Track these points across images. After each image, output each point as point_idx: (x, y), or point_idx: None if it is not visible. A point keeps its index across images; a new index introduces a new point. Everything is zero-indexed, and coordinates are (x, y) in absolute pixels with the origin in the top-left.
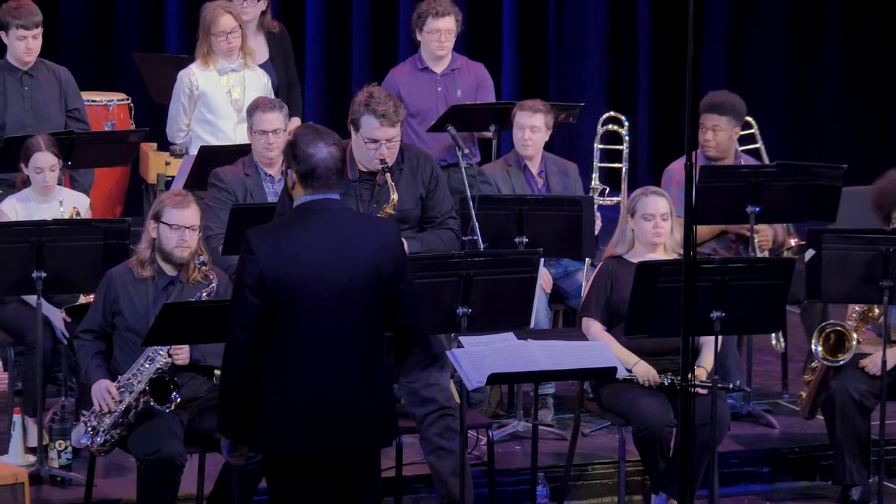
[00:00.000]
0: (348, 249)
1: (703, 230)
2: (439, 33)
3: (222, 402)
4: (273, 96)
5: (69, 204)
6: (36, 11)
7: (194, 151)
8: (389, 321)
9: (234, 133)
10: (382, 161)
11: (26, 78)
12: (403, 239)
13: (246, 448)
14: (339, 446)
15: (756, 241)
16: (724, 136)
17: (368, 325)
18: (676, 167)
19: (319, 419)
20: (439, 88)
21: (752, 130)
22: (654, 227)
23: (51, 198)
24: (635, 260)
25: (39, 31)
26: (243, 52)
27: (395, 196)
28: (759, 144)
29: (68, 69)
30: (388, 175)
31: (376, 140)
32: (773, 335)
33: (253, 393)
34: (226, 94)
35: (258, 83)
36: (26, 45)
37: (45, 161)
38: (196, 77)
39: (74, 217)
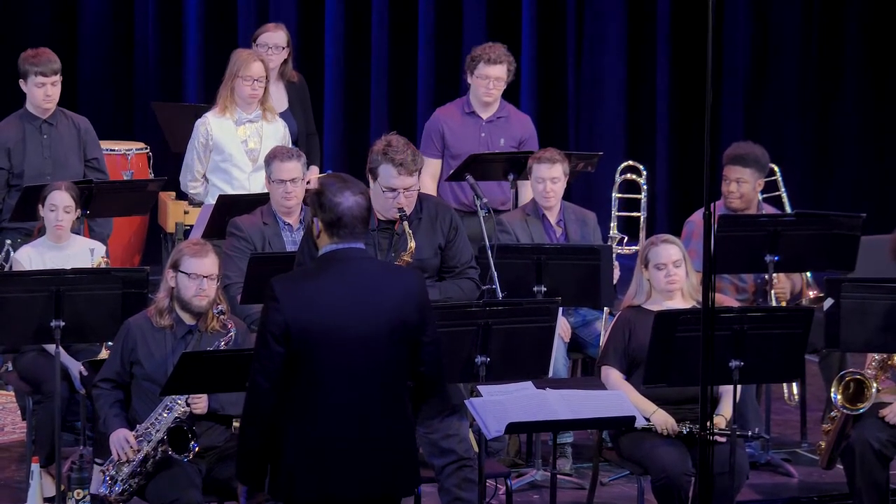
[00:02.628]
0: (373, 298)
1: None
2: (489, 80)
3: (241, 448)
4: (291, 146)
5: (83, 252)
6: (54, 59)
7: (211, 201)
8: (411, 369)
9: (248, 182)
10: (400, 210)
11: (45, 126)
12: None
13: (263, 496)
14: (359, 494)
15: (773, 293)
16: (747, 188)
17: (391, 374)
18: (696, 218)
19: (340, 467)
20: (483, 134)
21: (774, 178)
22: (666, 276)
23: (64, 245)
24: (654, 308)
25: (58, 78)
26: (263, 105)
27: (412, 244)
28: (782, 192)
29: (87, 118)
30: (405, 224)
31: (394, 189)
32: (786, 389)
33: (273, 440)
34: (241, 143)
35: (276, 134)
36: (45, 92)
37: (60, 199)
38: (211, 125)
39: (103, 266)
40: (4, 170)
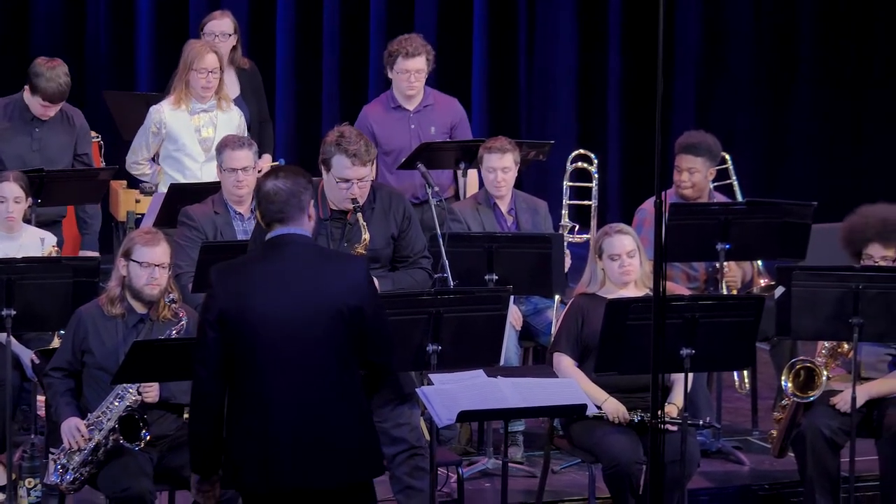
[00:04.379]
0: (309, 285)
1: None
2: (409, 73)
3: (191, 437)
4: (246, 134)
5: (34, 241)
6: (66, 83)
7: (163, 189)
8: (361, 357)
9: (201, 172)
10: (354, 200)
11: (37, 121)
12: (375, 278)
13: (216, 486)
14: (306, 483)
15: (724, 281)
16: (699, 177)
17: (335, 362)
18: (648, 207)
19: (285, 456)
20: (412, 126)
21: (725, 166)
22: (620, 266)
23: (16, 234)
24: (607, 296)
25: (63, 102)
26: (218, 94)
27: (366, 236)
28: (733, 180)
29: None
30: (359, 214)
31: (347, 179)
32: (737, 377)
33: (221, 429)
34: (195, 132)
35: (231, 123)
36: (45, 111)
37: (10, 191)
38: (165, 115)
39: (54, 255)
40: None
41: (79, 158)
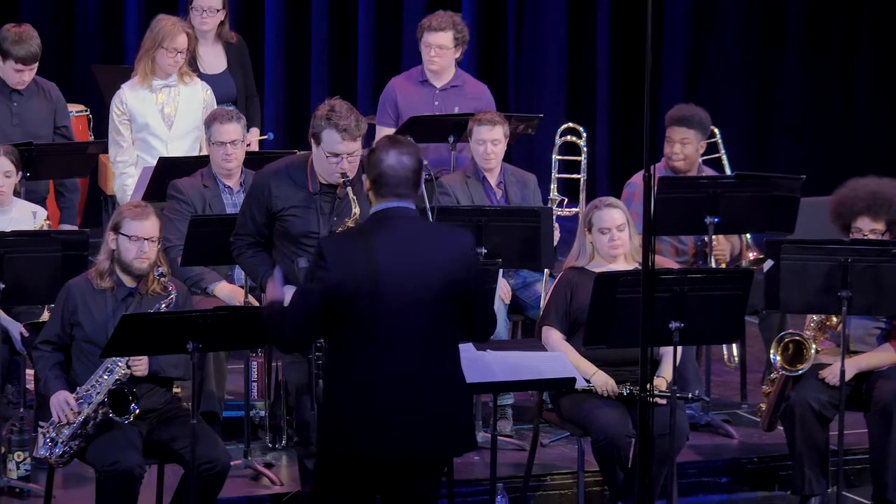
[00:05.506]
0: (421, 258)
1: None
2: (431, 48)
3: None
4: (218, 107)
5: (25, 215)
6: (36, 45)
7: (137, 171)
8: (463, 328)
9: (166, 150)
10: (343, 174)
11: (15, 95)
12: None
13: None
14: (406, 456)
15: (713, 255)
16: (691, 149)
17: (442, 335)
18: (636, 180)
19: (385, 427)
20: (436, 103)
21: (714, 140)
22: (610, 240)
23: (6, 208)
24: (596, 269)
25: (37, 64)
26: (180, 69)
27: (356, 210)
28: (723, 154)
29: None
30: (349, 188)
31: (338, 154)
32: (726, 351)
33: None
34: (158, 111)
35: (195, 97)
36: (20, 77)
37: (0, 165)
38: (126, 96)
39: (45, 228)
40: None
41: (58, 131)
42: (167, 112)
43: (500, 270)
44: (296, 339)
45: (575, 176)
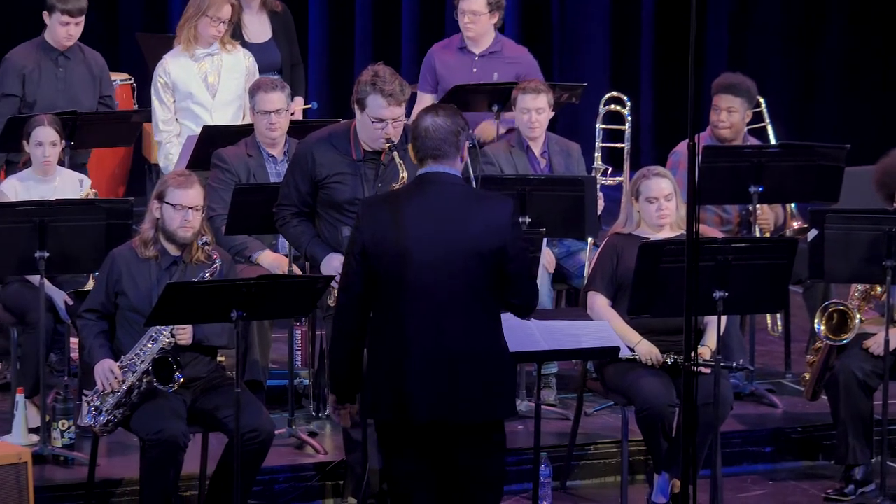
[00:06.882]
0: (451, 224)
1: None
2: (465, 14)
3: (330, 360)
4: (262, 75)
5: (71, 183)
6: None
7: (181, 140)
8: (504, 298)
9: (211, 119)
10: (388, 140)
11: (62, 59)
12: None
13: (351, 409)
14: (437, 417)
15: (757, 224)
16: (737, 118)
17: (470, 299)
18: (681, 149)
19: (417, 390)
20: (475, 70)
21: (759, 109)
22: (657, 210)
23: (51, 177)
24: (643, 236)
25: (83, 18)
26: (223, 38)
27: (404, 174)
28: (767, 123)
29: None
30: (395, 153)
31: (383, 119)
32: (770, 320)
33: (358, 354)
34: (201, 80)
35: (237, 65)
36: (67, 31)
37: (45, 135)
38: (169, 66)
39: (92, 197)
40: (17, 97)
41: (102, 101)
42: (210, 81)
43: (545, 239)
44: (353, 305)
45: (619, 145)
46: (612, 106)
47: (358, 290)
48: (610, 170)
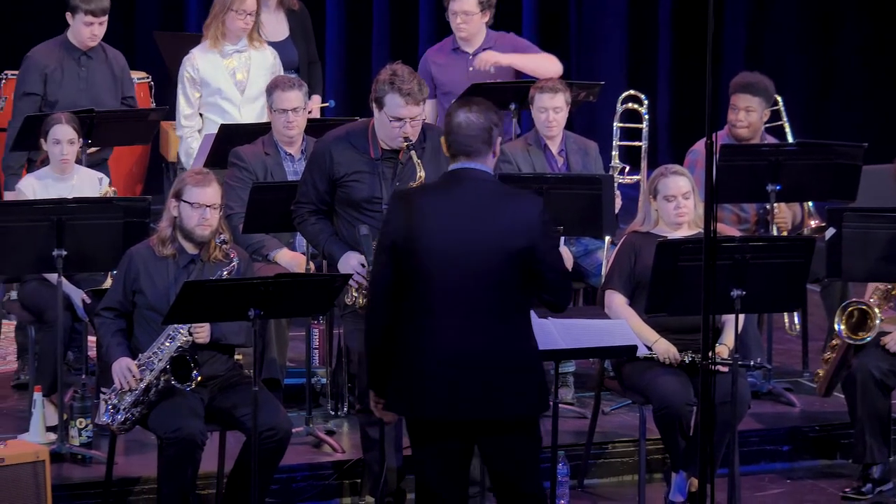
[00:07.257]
0: (479, 221)
1: None
2: (456, 15)
3: (368, 356)
4: (282, 74)
5: (90, 181)
6: None
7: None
8: (537, 294)
9: (239, 114)
10: (406, 139)
11: (84, 59)
12: None
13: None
14: (461, 415)
15: (775, 222)
16: (755, 117)
17: (497, 296)
18: (699, 148)
19: (440, 385)
20: (470, 69)
21: (777, 108)
22: (675, 208)
23: (68, 176)
24: (661, 235)
25: (106, 18)
26: (250, 35)
27: (421, 173)
28: (785, 122)
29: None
30: (412, 152)
31: (401, 118)
32: (787, 319)
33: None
34: (230, 76)
35: (265, 63)
36: (91, 31)
37: (63, 133)
38: (197, 61)
39: (110, 195)
40: (38, 96)
41: (124, 101)
42: (239, 78)
43: (562, 238)
44: (384, 298)
45: (636, 143)
46: (630, 104)
47: (389, 285)
48: (627, 168)
